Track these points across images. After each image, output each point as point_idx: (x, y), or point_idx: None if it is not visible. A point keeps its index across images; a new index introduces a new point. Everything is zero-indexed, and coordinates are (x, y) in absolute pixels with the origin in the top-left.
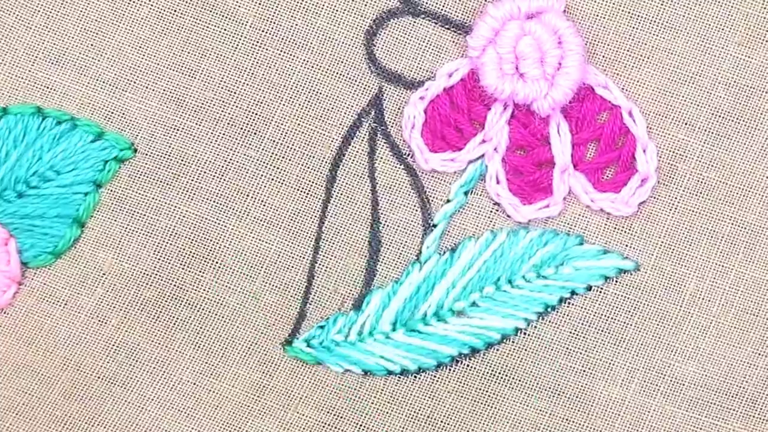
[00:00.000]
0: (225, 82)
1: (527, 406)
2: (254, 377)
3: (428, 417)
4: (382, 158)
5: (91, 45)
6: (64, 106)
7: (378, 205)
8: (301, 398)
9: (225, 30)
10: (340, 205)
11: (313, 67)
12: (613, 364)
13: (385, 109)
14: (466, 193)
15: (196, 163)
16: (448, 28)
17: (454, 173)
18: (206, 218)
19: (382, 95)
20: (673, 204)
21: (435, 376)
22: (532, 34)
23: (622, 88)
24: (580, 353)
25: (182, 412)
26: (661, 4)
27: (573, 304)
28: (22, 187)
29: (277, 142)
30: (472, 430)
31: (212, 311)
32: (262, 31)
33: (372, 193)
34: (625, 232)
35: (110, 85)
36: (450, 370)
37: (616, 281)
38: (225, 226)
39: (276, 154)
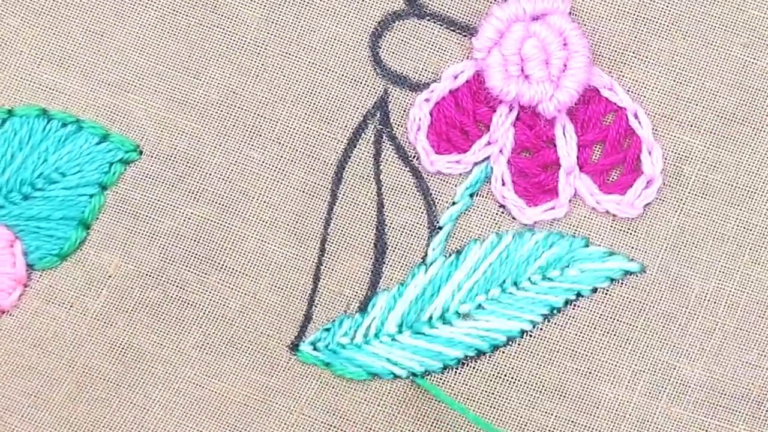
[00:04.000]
0: (230, 84)
1: (533, 408)
2: (259, 379)
3: (434, 419)
4: (387, 160)
5: (96, 47)
6: (69, 108)
7: (383, 207)
8: (306, 400)
9: (230, 32)
10: (345, 207)
11: (318, 69)
12: (619, 366)
13: (391, 111)
14: (471, 195)
15: (201, 165)
16: (453, 30)
17: (459, 175)
18: (211, 220)
19: (388, 97)
20: (678, 206)
21: (441, 379)
22: (537, 36)
23: (628, 90)
24: (586, 355)
25: (187, 413)
26: (666, 6)
27: (578, 306)
28: (28, 189)
29: (283, 144)
30: None
31: (217, 313)
32: (267, 32)
33: (377, 195)
34: (631, 234)
35: (115, 87)
36: (456, 372)
37: (622, 283)
38: (230, 228)
39: (281, 156)
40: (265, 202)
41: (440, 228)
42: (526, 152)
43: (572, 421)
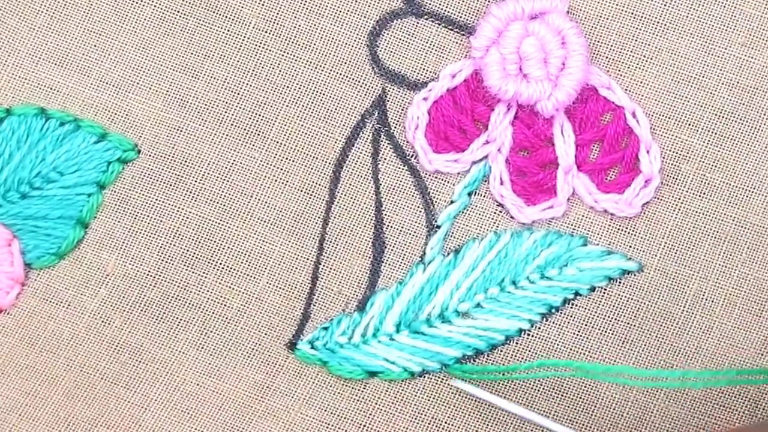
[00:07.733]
0: (228, 83)
1: (531, 407)
2: (257, 378)
3: (432, 418)
4: (385, 159)
5: (95, 46)
6: (67, 107)
7: (382, 206)
8: (304, 399)
9: (228, 31)
10: (343, 207)
11: (316, 68)
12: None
13: (389, 110)
14: (469, 194)
15: (200, 164)
16: (451, 29)
17: (457, 174)
18: (210, 219)
19: (386, 96)
20: (676, 205)
21: (439, 378)
22: (535, 35)
23: (626, 89)
24: (584, 354)
25: (185, 412)
26: (665, 5)
27: (577, 306)
28: (26, 188)
29: (281, 144)
30: (476, 431)
31: (216, 312)
32: (266, 32)
33: (376, 194)
34: (629, 233)
35: (114, 86)
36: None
37: (620, 282)
38: (228, 228)
39: (279, 156)
40: (263, 201)
41: (438, 227)
42: (524, 151)
43: (570, 420)
